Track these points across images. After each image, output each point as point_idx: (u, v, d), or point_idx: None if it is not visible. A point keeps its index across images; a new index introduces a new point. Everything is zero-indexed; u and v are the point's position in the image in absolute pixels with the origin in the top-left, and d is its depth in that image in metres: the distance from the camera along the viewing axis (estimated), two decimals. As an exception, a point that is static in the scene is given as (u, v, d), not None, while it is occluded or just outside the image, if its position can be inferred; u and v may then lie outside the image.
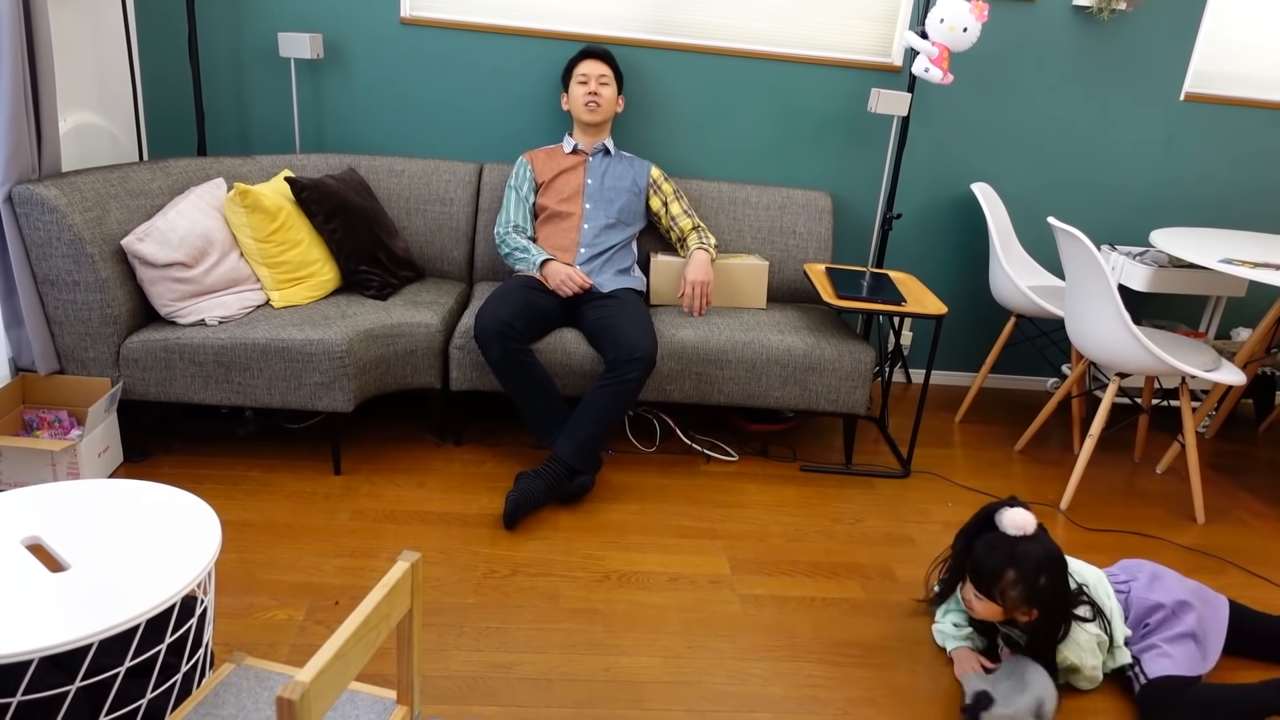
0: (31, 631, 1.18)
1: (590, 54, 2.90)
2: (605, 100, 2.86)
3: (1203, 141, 3.44)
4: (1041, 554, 1.82)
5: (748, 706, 1.82)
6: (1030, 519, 1.85)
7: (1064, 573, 1.86)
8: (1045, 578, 1.81)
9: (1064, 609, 1.87)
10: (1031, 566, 1.80)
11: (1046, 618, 1.85)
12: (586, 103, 2.85)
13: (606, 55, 2.91)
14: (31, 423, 2.41)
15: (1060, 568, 1.84)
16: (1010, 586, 1.82)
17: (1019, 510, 1.85)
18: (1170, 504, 2.87)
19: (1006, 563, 1.82)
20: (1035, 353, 3.75)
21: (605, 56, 2.91)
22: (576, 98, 2.87)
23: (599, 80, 2.86)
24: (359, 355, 2.51)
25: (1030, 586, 1.80)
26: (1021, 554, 1.81)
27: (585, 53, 2.91)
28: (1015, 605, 1.84)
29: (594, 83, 2.86)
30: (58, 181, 2.29)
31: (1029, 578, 1.80)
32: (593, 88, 2.85)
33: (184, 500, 1.52)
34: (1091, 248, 2.48)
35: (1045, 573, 1.81)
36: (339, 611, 2.00)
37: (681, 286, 2.82)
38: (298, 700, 0.91)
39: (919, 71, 2.89)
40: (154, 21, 3.04)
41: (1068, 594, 1.88)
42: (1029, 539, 1.84)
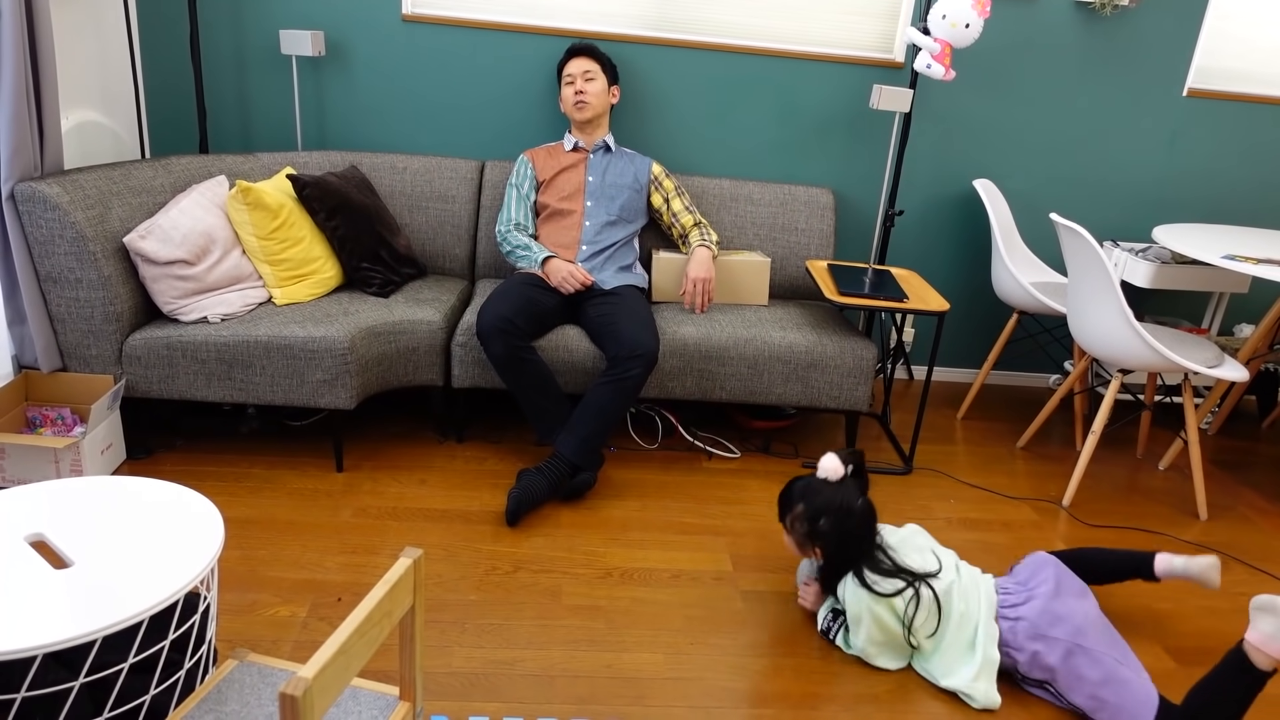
0: (35, 628, 1.18)
1: (574, 51, 2.89)
2: (592, 96, 2.86)
3: (1205, 137, 3.43)
4: (833, 499, 1.94)
5: (750, 703, 1.82)
6: (838, 467, 1.97)
7: (850, 523, 1.93)
8: (826, 520, 1.93)
9: (845, 557, 1.95)
10: (818, 506, 1.94)
11: (828, 561, 1.97)
12: (575, 103, 2.85)
13: (590, 50, 2.89)
14: (35, 420, 2.42)
15: (846, 517, 1.93)
16: (797, 519, 1.97)
17: (832, 457, 1.98)
18: (1173, 500, 2.86)
19: (800, 497, 1.97)
20: (1037, 349, 3.75)
21: (589, 51, 2.89)
22: (566, 98, 2.88)
23: (584, 77, 2.86)
24: (361, 352, 2.51)
25: (811, 524, 1.94)
26: (815, 493, 1.96)
27: (569, 51, 2.90)
28: (801, 540, 1.98)
29: (580, 81, 2.85)
30: (60, 179, 2.29)
31: (812, 515, 1.94)
32: (579, 86, 2.84)
33: (187, 497, 1.52)
34: (1094, 244, 2.48)
35: (828, 516, 1.92)
36: (341, 608, 2.00)
37: (683, 283, 2.82)
38: (300, 696, 0.92)
39: (921, 68, 2.88)
40: (156, 19, 3.04)
41: (852, 545, 1.94)
42: (831, 484, 1.96)
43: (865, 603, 1.90)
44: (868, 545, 1.96)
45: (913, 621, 1.89)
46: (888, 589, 1.90)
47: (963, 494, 2.78)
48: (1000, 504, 2.74)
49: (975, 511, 2.68)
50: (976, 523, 2.61)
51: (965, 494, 2.79)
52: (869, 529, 1.97)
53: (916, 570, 1.93)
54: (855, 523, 1.93)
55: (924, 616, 1.90)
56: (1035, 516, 2.68)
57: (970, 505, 2.71)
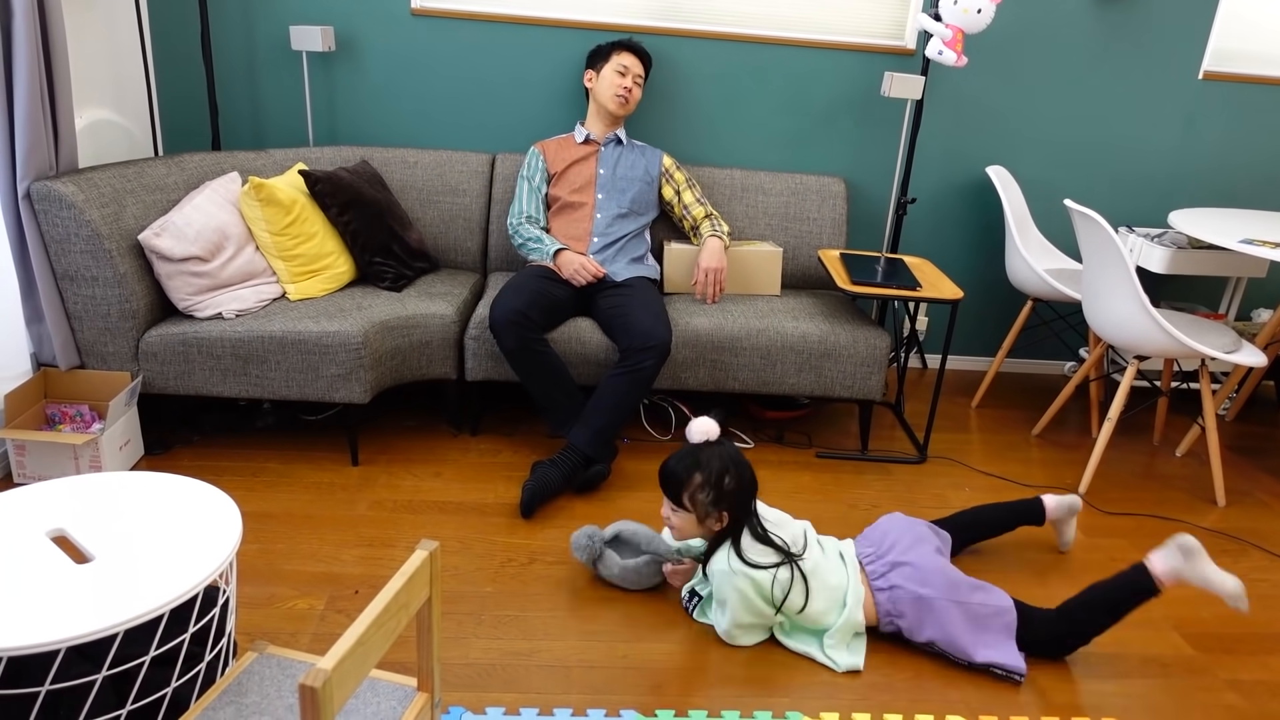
0: (58, 622, 1.20)
1: (635, 50, 2.89)
2: (634, 100, 2.89)
3: (1222, 121, 3.40)
4: (727, 455, 1.91)
5: (765, 692, 1.83)
6: (714, 427, 1.94)
7: (749, 473, 1.92)
8: (730, 477, 1.89)
9: (745, 513, 1.92)
10: (718, 468, 1.89)
11: (733, 522, 1.91)
12: (618, 94, 2.84)
13: (649, 59, 2.94)
14: (54, 417, 2.44)
15: (745, 468, 1.92)
16: (698, 489, 1.89)
17: (704, 419, 1.95)
18: (1190, 487, 2.85)
19: (693, 468, 1.90)
20: (1052, 336, 3.73)
21: (648, 61, 2.93)
22: (610, 83, 2.85)
23: (635, 78, 2.87)
24: (375, 347, 2.52)
25: (717, 488, 1.88)
26: (707, 458, 1.91)
27: (631, 46, 2.89)
28: (706, 510, 1.90)
29: (631, 78, 2.86)
30: (75, 178, 2.31)
31: (715, 479, 1.88)
32: (629, 83, 2.85)
33: (205, 492, 1.53)
34: (1109, 230, 2.46)
35: (730, 472, 1.89)
36: (359, 600, 2.02)
37: (695, 274, 2.81)
38: (320, 688, 0.92)
39: (932, 54, 2.86)
40: (167, 17, 3.05)
41: (750, 497, 1.93)
42: (713, 444, 1.93)
43: (734, 580, 1.88)
44: (753, 506, 1.96)
45: (784, 598, 1.89)
46: (763, 560, 1.89)
47: (978, 482, 2.77)
48: (1016, 492, 2.73)
49: (990, 500, 2.67)
50: (992, 511, 2.60)
51: (980, 482, 2.78)
52: (755, 482, 1.96)
53: (788, 547, 1.93)
54: (752, 473, 1.93)
55: (793, 592, 1.90)
56: (1051, 504, 2.67)
57: (985, 494, 2.70)
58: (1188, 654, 2.04)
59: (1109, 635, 2.08)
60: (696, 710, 1.77)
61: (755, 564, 1.88)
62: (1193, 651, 2.05)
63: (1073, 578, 2.30)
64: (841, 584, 1.95)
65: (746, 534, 1.91)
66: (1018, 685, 1.88)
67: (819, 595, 1.92)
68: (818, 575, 1.93)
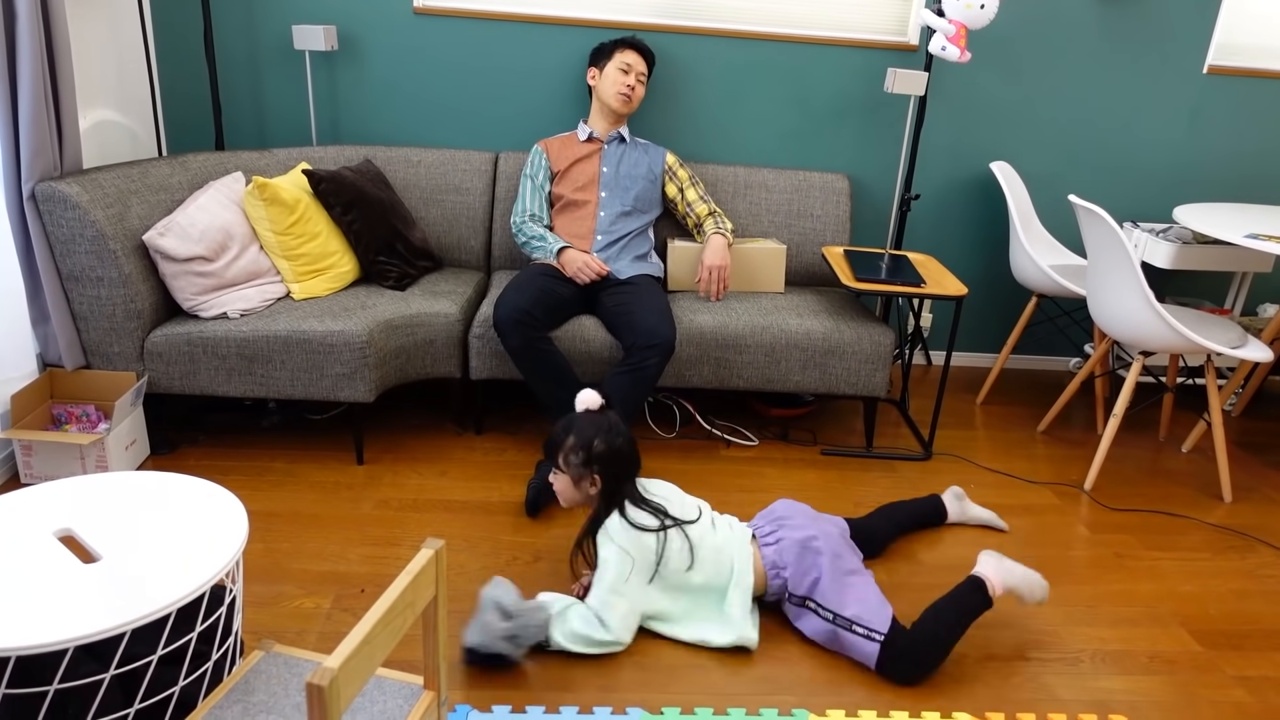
0: (66, 621, 1.20)
1: (637, 48, 2.89)
2: (636, 98, 2.88)
3: (1227, 115, 3.38)
4: (600, 421, 1.98)
5: (772, 689, 1.83)
6: (596, 397, 2.03)
7: (620, 440, 1.96)
8: (600, 440, 1.94)
9: (619, 479, 1.96)
10: (589, 431, 1.96)
11: (605, 486, 1.96)
12: (621, 92, 2.84)
13: (652, 57, 2.94)
14: (60, 417, 2.45)
15: (617, 435, 1.97)
16: (571, 452, 1.96)
17: (588, 390, 2.04)
18: (1196, 483, 2.84)
19: (567, 430, 1.99)
20: (1057, 332, 3.72)
21: (649, 55, 2.92)
22: (613, 81, 2.85)
23: (639, 76, 2.87)
24: (379, 346, 2.53)
25: (587, 449, 1.94)
26: (582, 422, 1.99)
27: (634, 44, 2.89)
28: (578, 471, 1.96)
29: (634, 76, 2.85)
30: (79, 178, 2.31)
31: (584, 441, 1.95)
32: (632, 81, 2.85)
33: (211, 491, 1.54)
34: (1114, 225, 2.45)
35: (600, 435, 1.95)
36: (365, 599, 2.02)
37: (699, 271, 2.81)
38: (327, 686, 0.93)
39: (936, 50, 2.86)
40: (170, 18, 3.05)
41: (624, 465, 1.97)
42: (594, 413, 2.01)
43: (617, 539, 1.90)
44: (635, 473, 2.00)
45: (663, 555, 1.92)
46: (647, 522, 1.93)
47: (983, 479, 2.77)
48: (1021, 489, 2.72)
49: (996, 496, 2.66)
50: (997, 507, 2.60)
51: (985, 479, 2.77)
52: (636, 456, 2.00)
53: (675, 515, 1.98)
54: (624, 441, 1.97)
55: (678, 552, 1.93)
56: (1056, 501, 2.66)
57: (991, 490, 2.70)
58: (1194, 650, 2.04)
59: (1114, 632, 2.08)
60: (702, 708, 1.77)
61: (639, 525, 1.92)
62: (1199, 648, 2.05)
63: (1079, 574, 2.30)
64: (729, 547, 1.99)
65: (629, 504, 1.95)
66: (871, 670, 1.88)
67: (707, 560, 1.95)
68: (705, 543, 1.97)
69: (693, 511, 2.02)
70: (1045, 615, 2.13)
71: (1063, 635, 2.06)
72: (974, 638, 2.02)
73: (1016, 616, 2.11)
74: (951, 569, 2.27)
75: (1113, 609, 2.17)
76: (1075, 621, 2.11)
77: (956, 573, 2.19)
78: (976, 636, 2.02)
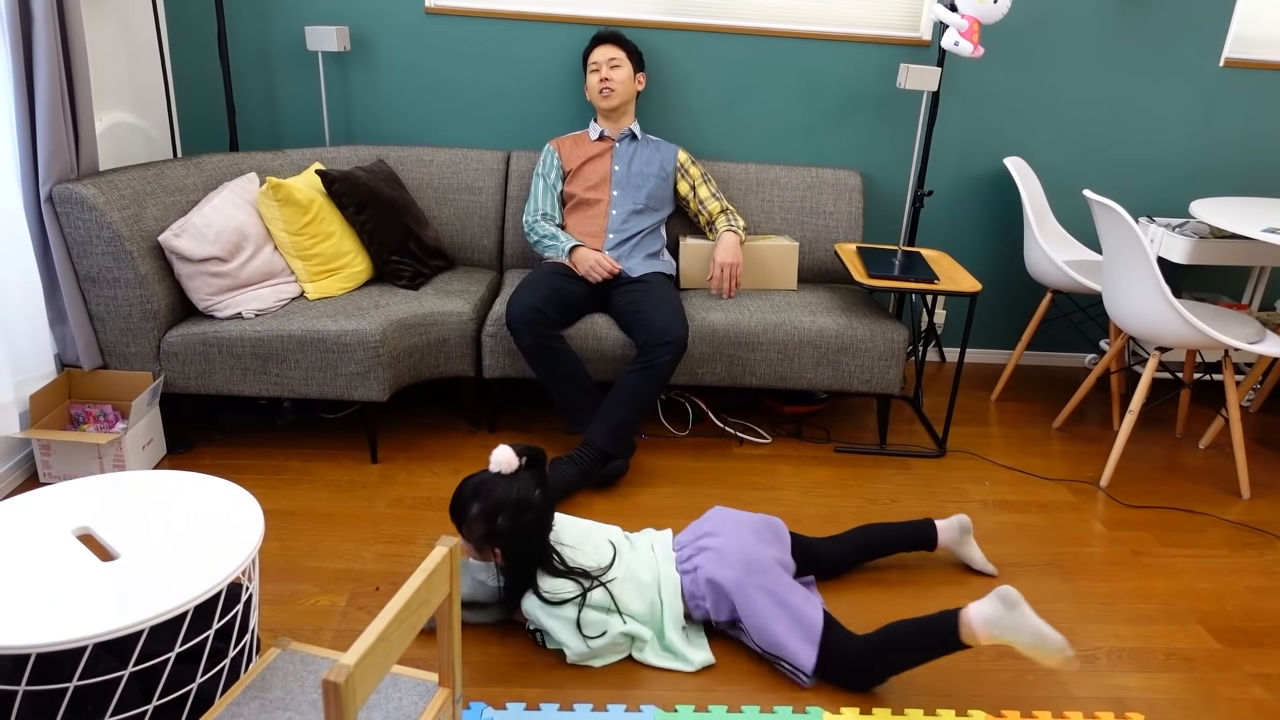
0: (85, 619, 1.21)
1: (599, 39, 2.89)
2: (618, 84, 2.85)
3: (1243, 108, 3.35)
4: (508, 494, 1.80)
5: (786, 687, 1.83)
6: (511, 459, 1.85)
7: (527, 518, 1.81)
8: (504, 517, 1.79)
9: (524, 556, 1.84)
10: (494, 503, 1.80)
11: (509, 562, 1.84)
12: (601, 90, 2.84)
13: (616, 37, 2.89)
14: (78, 417, 2.47)
15: (523, 512, 1.80)
16: (474, 522, 1.82)
17: (505, 449, 1.86)
18: (1214, 479, 2.82)
19: (474, 496, 1.83)
20: (1072, 328, 3.70)
21: (614, 39, 2.89)
22: (591, 86, 2.87)
23: (609, 65, 2.85)
24: (393, 345, 2.54)
25: (489, 523, 1.80)
26: (490, 489, 1.82)
27: (595, 39, 2.90)
28: (479, 543, 1.83)
29: (605, 68, 2.84)
30: (96, 180, 2.33)
31: (489, 514, 1.80)
32: (604, 74, 2.84)
33: (227, 490, 1.55)
34: (1129, 220, 2.43)
35: (504, 513, 1.79)
36: (380, 597, 2.03)
37: (710, 269, 2.81)
38: (343, 683, 0.93)
39: (948, 45, 2.84)
40: (184, 20, 3.07)
41: (530, 543, 1.84)
42: (505, 478, 1.83)
43: (548, 619, 1.84)
44: (544, 544, 1.87)
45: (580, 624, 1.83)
46: (561, 594, 1.83)
47: (998, 476, 2.76)
48: (1036, 486, 2.71)
49: (1011, 494, 2.65)
50: (1012, 505, 2.58)
51: (1000, 476, 2.76)
52: (544, 524, 1.87)
53: (590, 568, 1.88)
54: (532, 518, 1.82)
55: (596, 617, 1.84)
56: (1072, 498, 2.65)
57: (1005, 487, 2.69)
58: (1212, 647, 2.02)
59: (1131, 629, 2.06)
60: (717, 705, 1.77)
61: (559, 599, 1.83)
62: (1217, 645, 2.03)
63: (1095, 572, 2.28)
64: (653, 578, 1.91)
65: (542, 575, 1.85)
66: (804, 687, 1.82)
67: (631, 605, 1.87)
68: (631, 578, 1.89)
69: (607, 552, 1.93)
70: (1061, 612, 2.11)
71: (1079, 632, 2.05)
72: (989, 635, 2.01)
73: (1032, 614, 2.10)
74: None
75: (1129, 606, 2.16)
76: (1091, 619, 2.10)
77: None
78: (992, 634, 2.01)
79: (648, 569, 1.93)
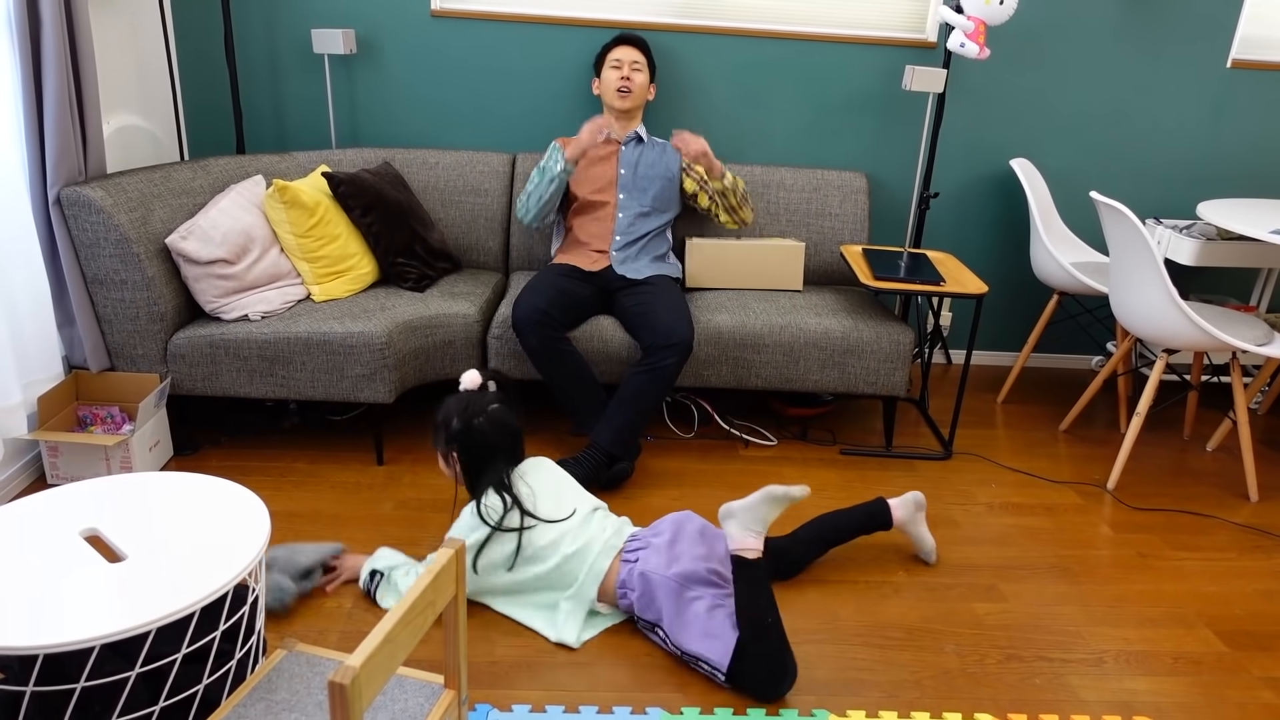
0: (92, 620, 1.22)
1: (625, 40, 2.89)
2: (637, 86, 2.85)
3: (1251, 109, 3.34)
4: (462, 400, 2.01)
5: (792, 690, 1.82)
6: (475, 377, 2.04)
7: (478, 420, 1.97)
8: (458, 419, 1.98)
9: (478, 459, 1.98)
10: (450, 409, 2.00)
11: (463, 465, 2.00)
12: (619, 88, 2.84)
13: (641, 42, 2.90)
14: (85, 419, 2.48)
15: (475, 415, 1.97)
16: (437, 430, 2.02)
17: (470, 371, 2.05)
18: (1222, 482, 2.80)
19: (440, 410, 2.03)
20: (1079, 331, 3.69)
21: (640, 44, 2.90)
22: (609, 82, 2.86)
23: (632, 66, 2.85)
24: (399, 347, 2.54)
25: (446, 428, 1.99)
26: (453, 401, 2.02)
27: (620, 39, 2.90)
28: (442, 449, 2.02)
29: (627, 68, 2.84)
30: (103, 183, 2.34)
31: (445, 418, 2.00)
32: (625, 73, 2.84)
33: (233, 492, 1.55)
34: (1136, 222, 2.43)
35: (459, 415, 1.98)
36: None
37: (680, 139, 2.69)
38: (349, 684, 0.93)
39: (954, 47, 2.84)
40: (191, 23, 3.09)
41: (482, 448, 1.98)
42: (473, 393, 2.03)
43: (461, 525, 1.94)
44: (499, 460, 1.98)
45: (479, 553, 1.91)
46: (489, 516, 1.91)
47: (1004, 478, 2.75)
48: (1043, 488, 2.70)
49: (1017, 496, 2.64)
50: (1019, 507, 2.58)
51: (1007, 478, 2.75)
52: (501, 437, 1.99)
53: (531, 511, 1.94)
54: (484, 422, 1.97)
55: (496, 553, 1.92)
56: (1079, 500, 2.64)
57: (1012, 490, 2.68)
58: (1220, 651, 2.02)
59: (1139, 633, 2.05)
60: (723, 708, 1.76)
61: (482, 518, 1.91)
62: (1225, 649, 2.02)
63: (1102, 574, 2.27)
64: (583, 560, 1.93)
65: (490, 489, 1.94)
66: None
67: (538, 564, 1.92)
68: (551, 550, 1.93)
69: (565, 510, 1.98)
70: (1068, 615, 2.11)
71: (1086, 636, 2.04)
72: (997, 637, 2.00)
73: (1039, 617, 2.09)
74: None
75: (1137, 609, 2.15)
76: (1098, 622, 2.09)
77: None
78: (999, 636, 2.01)
79: (583, 549, 1.95)
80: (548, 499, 2.00)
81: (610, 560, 1.95)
